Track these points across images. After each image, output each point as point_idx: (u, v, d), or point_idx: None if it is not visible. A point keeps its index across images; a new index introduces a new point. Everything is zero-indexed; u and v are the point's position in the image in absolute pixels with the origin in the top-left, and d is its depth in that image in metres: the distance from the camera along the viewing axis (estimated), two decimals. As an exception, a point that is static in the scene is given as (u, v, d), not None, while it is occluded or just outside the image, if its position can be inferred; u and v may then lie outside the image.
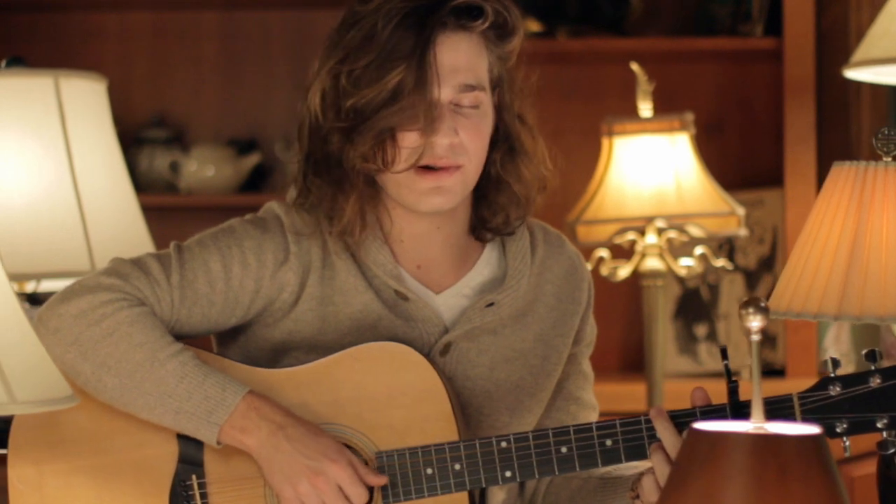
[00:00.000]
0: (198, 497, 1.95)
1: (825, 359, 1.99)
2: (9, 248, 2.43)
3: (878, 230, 2.03)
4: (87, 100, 2.61)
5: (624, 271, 3.07)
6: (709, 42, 3.67)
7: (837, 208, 2.07)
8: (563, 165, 2.07)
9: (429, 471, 1.93)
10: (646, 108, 3.05)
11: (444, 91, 1.92)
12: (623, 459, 1.93)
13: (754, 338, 1.66)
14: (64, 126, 2.56)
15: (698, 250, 3.10)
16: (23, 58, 2.62)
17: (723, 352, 1.96)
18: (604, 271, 3.07)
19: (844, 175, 2.08)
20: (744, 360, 3.74)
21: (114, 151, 2.66)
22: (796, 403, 1.92)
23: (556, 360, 2.08)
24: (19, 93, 2.54)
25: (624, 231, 3.02)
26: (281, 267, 1.99)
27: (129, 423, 1.96)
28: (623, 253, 3.21)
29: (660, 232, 3.02)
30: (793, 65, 3.55)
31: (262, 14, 3.93)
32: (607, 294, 3.48)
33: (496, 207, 2.03)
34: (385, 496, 1.94)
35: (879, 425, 1.93)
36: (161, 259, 1.99)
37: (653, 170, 3.02)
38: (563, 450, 1.93)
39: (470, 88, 1.94)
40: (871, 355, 1.97)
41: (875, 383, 1.94)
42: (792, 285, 2.08)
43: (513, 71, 2.01)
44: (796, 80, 3.54)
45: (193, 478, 1.96)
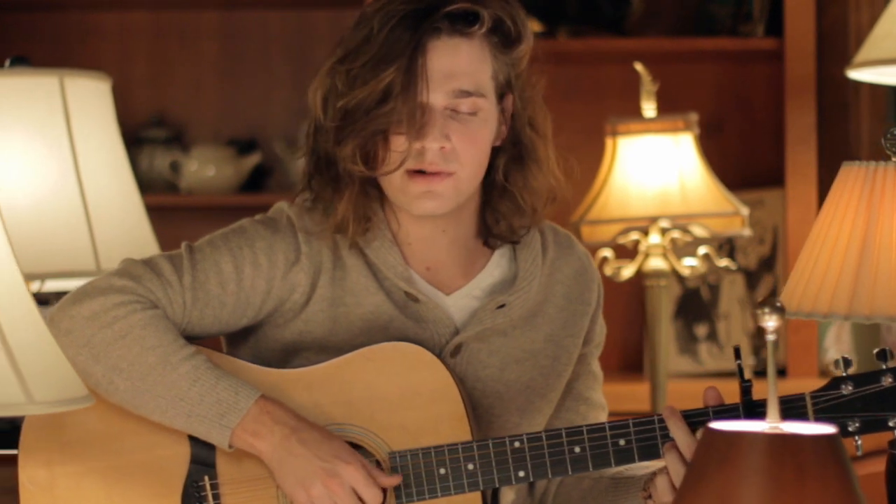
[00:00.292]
0: (210, 498, 1.95)
1: (836, 358, 2.00)
2: (14, 248, 2.42)
3: (887, 230, 2.03)
4: (92, 99, 2.61)
5: (627, 271, 3.08)
6: (709, 42, 3.67)
7: (847, 208, 2.07)
8: (587, 163, 2.07)
9: (442, 471, 1.93)
10: (649, 109, 3.05)
11: (436, 96, 1.92)
12: (636, 459, 1.94)
13: (770, 338, 1.66)
14: (69, 125, 2.55)
15: (702, 250, 3.10)
16: (27, 57, 2.61)
17: (736, 351, 1.96)
18: (607, 271, 3.07)
19: (853, 175, 2.08)
20: (745, 360, 3.75)
21: (118, 151, 2.65)
22: (809, 403, 1.93)
23: (566, 361, 2.08)
24: (24, 92, 2.53)
25: (628, 231, 3.02)
26: (292, 268, 1.99)
27: (140, 424, 1.96)
28: (626, 253, 3.21)
29: (663, 232, 3.02)
30: (794, 65, 3.55)
31: (262, 14, 3.92)
32: (608, 294, 3.47)
33: (499, 215, 2.03)
34: (398, 496, 1.94)
35: (891, 424, 1.93)
36: (173, 260, 1.98)
37: (657, 170, 3.02)
38: (577, 450, 1.93)
39: (466, 94, 1.93)
40: (882, 354, 1.98)
41: (887, 382, 1.94)
42: (801, 285, 2.08)
43: (524, 77, 2.01)
44: (797, 81, 3.54)
45: (206, 479, 1.95)
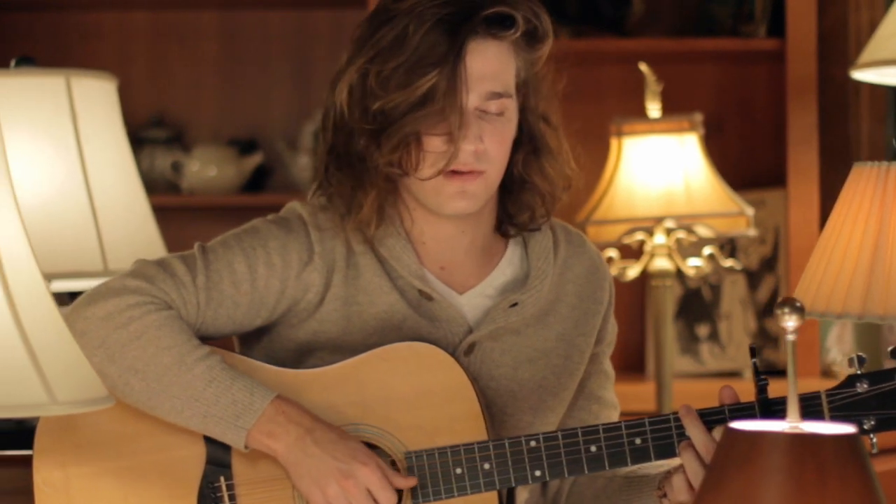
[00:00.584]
0: (226, 499, 1.94)
1: (850, 356, 2.00)
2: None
3: (899, 229, 2.04)
4: (98, 99, 2.60)
5: (633, 271, 3.08)
6: (710, 43, 3.68)
7: (859, 209, 2.08)
8: (586, 163, 2.07)
9: (458, 470, 1.93)
10: (654, 109, 3.06)
11: (472, 98, 1.92)
12: (652, 458, 1.94)
13: (790, 337, 1.66)
14: (75, 125, 2.54)
15: (707, 250, 3.10)
16: (33, 58, 2.60)
17: (752, 350, 1.96)
18: (613, 271, 3.06)
19: (865, 175, 2.09)
20: (747, 360, 3.75)
21: (124, 151, 2.65)
22: (824, 401, 1.93)
23: (578, 360, 2.08)
24: (30, 92, 2.52)
25: (633, 231, 3.02)
26: (306, 267, 1.98)
27: (155, 425, 1.95)
28: (630, 253, 3.21)
29: (668, 232, 3.02)
30: (795, 65, 3.56)
31: (262, 14, 3.92)
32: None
33: (521, 205, 2.03)
34: (414, 496, 1.94)
35: (907, 421, 1.94)
36: (186, 261, 1.98)
37: (662, 170, 3.02)
38: (593, 449, 1.93)
39: (497, 96, 1.94)
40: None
41: (902, 380, 1.94)
42: (814, 286, 2.09)
43: (539, 73, 2.01)
44: (799, 81, 3.55)
45: (221, 479, 1.95)
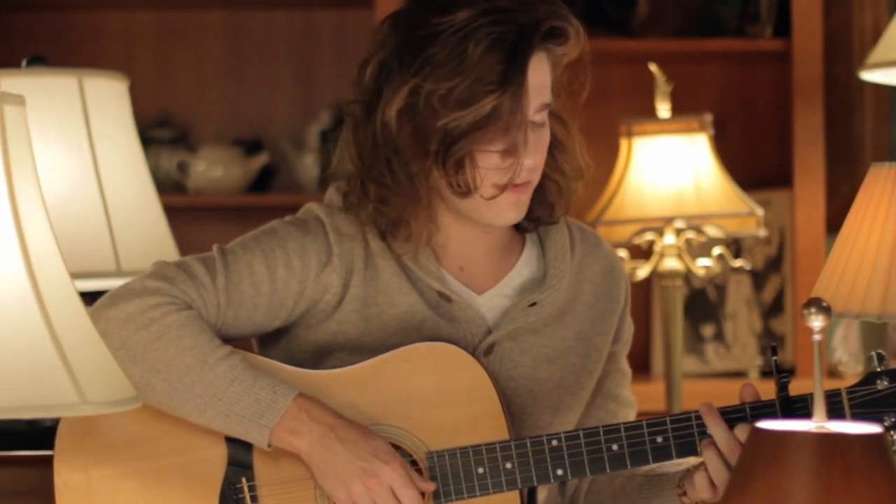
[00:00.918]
0: (248, 499, 1.94)
1: (870, 354, 2.00)
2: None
3: (918, 229, 2.05)
4: (110, 99, 2.59)
5: (643, 271, 3.08)
6: (715, 43, 3.68)
7: (877, 209, 2.09)
8: (591, 153, 2.07)
9: (480, 470, 1.93)
10: (664, 109, 3.06)
11: (529, 112, 1.92)
12: (674, 456, 1.94)
13: (816, 337, 1.66)
14: (88, 126, 2.54)
15: (716, 251, 3.11)
16: (44, 58, 2.60)
17: (773, 349, 1.96)
18: (624, 271, 3.07)
19: (883, 176, 2.10)
20: (752, 360, 3.76)
21: (136, 151, 2.64)
22: (845, 398, 1.93)
23: (596, 359, 2.09)
24: (43, 92, 2.51)
25: (643, 231, 3.02)
26: (324, 268, 1.98)
27: (176, 426, 1.95)
28: (638, 253, 3.22)
29: (678, 232, 3.03)
30: (801, 66, 3.57)
31: (267, 14, 3.91)
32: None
33: (541, 200, 2.03)
34: (437, 496, 1.94)
35: (927, 419, 1.94)
36: (205, 262, 1.98)
37: (672, 170, 3.03)
38: (615, 447, 1.93)
39: (546, 107, 1.94)
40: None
41: (922, 377, 1.95)
42: (833, 286, 2.09)
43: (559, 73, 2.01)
44: (805, 81, 3.56)
45: (243, 480, 1.95)
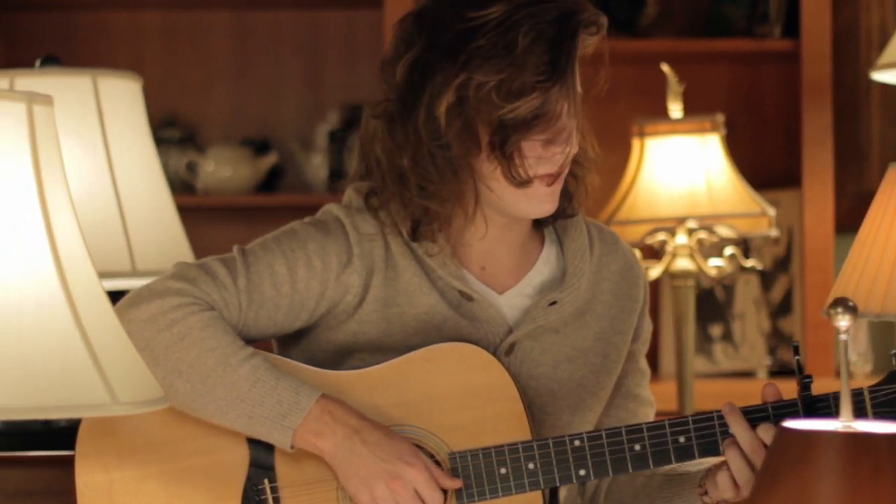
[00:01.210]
0: (271, 501, 1.94)
1: (893, 352, 2.00)
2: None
3: (936, 229, 2.05)
4: (125, 99, 2.59)
5: (654, 272, 3.09)
6: (724, 43, 3.69)
7: (896, 209, 2.09)
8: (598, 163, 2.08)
9: (503, 470, 1.93)
10: (676, 110, 3.06)
11: None
12: (696, 456, 1.94)
13: (843, 337, 1.66)
14: (102, 126, 2.53)
15: (728, 251, 3.11)
16: (58, 57, 2.59)
17: (795, 348, 1.96)
18: (636, 272, 3.07)
19: (902, 175, 2.10)
20: (761, 360, 3.77)
21: (150, 151, 2.63)
22: (867, 398, 1.93)
23: (615, 358, 2.09)
24: (57, 92, 2.49)
25: (655, 231, 3.03)
26: (345, 269, 1.98)
27: (198, 428, 1.94)
28: (650, 253, 3.22)
29: (690, 232, 3.03)
30: (810, 66, 3.57)
31: (274, 14, 3.91)
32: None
33: (563, 192, 2.03)
34: (459, 497, 1.94)
35: (948, 417, 1.94)
36: (226, 263, 1.97)
37: (684, 171, 3.03)
38: (637, 447, 1.93)
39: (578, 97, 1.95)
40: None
41: (944, 375, 1.95)
42: (852, 286, 2.09)
43: None
44: (813, 82, 3.56)
45: (266, 482, 1.94)
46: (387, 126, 1.96)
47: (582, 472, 1.93)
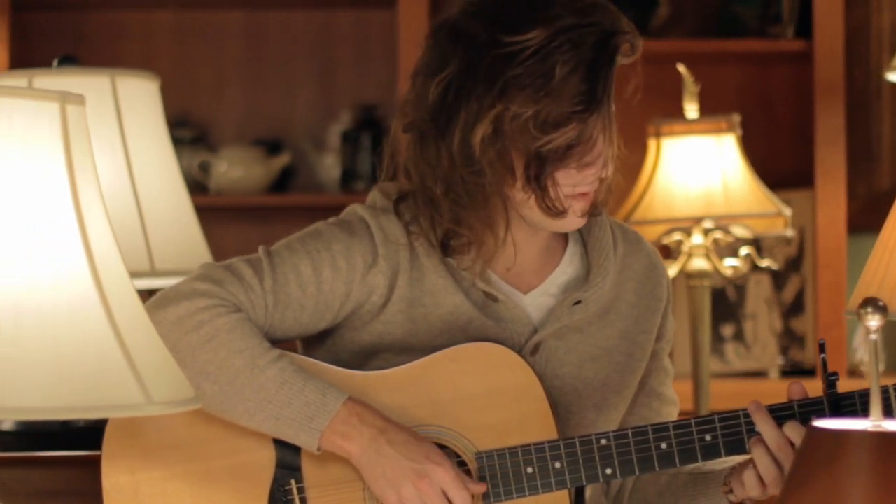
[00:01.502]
0: (297, 501, 1.94)
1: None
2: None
3: (959, 228, 2.05)
4: (143, 99, 2.59)
5: (671, 272, 3.09)
6: (736, 44, 3.69)
7: (919, 208, 2.09)
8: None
9: (529, 470, 1.93)
10: (692, 110, 3.07)
11: None
12: (723, 454, 1.94)
13: (873, 337, 1.66)
14: (121, 125, 2.53)
15: (743, 251, 3.12)
16: (76, 57, 2.59)
17: (821, 346, 1.96)
18: (652, 272, 3.08)
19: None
20: (773, 359, 3.77)
21: (168, 151, 2.63)
22: (893, 396, 1.93)
23: (640, 357, 2.09)
24: (76, 92, 2.50)
25: (671, 231, 3.03)
26: (370, 270, 1.98)
27: (223, 429, 1.94)
28: (665, 253, 3.22)
29: (706, 232, 3.03)
30: (823, 66, 3.58)
31: (286, 14, 3.91)
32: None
33: None
34: (486, 496, 1.94)
35: (971, 414, 1.94)
36: (252, 264, 1.97)
37: (700, 171, 3.04)
38: (664, 446, 1.94)
39: None
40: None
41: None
42: (875, 285, 2.09)
43: None
44: (826, 82, 3.57)
45: (292, 482, 1.94)
46: (419, 143, 1.95)
47: (608, 471, 1.94)
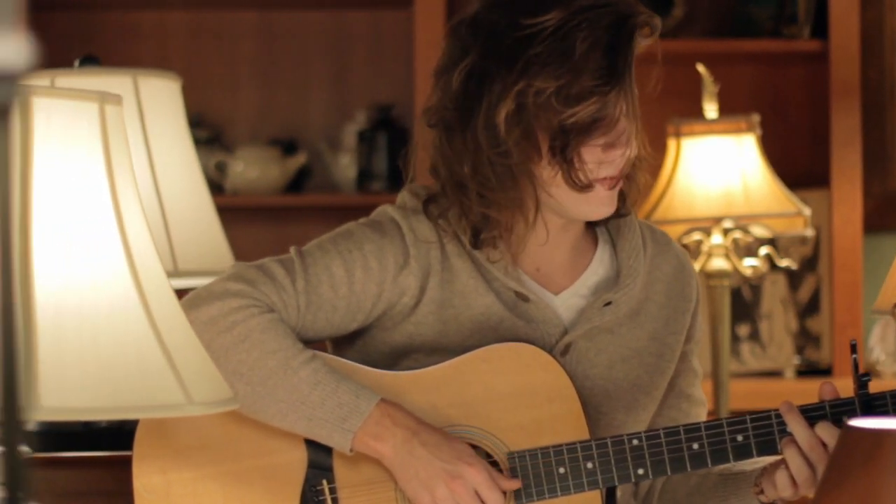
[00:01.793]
0: (329, 502, 1.94)
1: None
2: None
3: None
4: (165, 99, 2.58)
5: (691, 271, 3.09)
6: (752, 44, 3.69)
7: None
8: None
9: (561, 470, 1.93)
10: (711, 110, 3.07)
11: None
12: (754, 454, 1.94)
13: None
14: (143, 125, 2.53)
15: (763, 251, 3.12)
16: (97, 57, 2.59)
17: (853, 346, 1.96)
18: (672, 272, 3.08)
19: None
20: (788, 359, 3.77)
21: (189, 150, 2.63)
22: None
23: (669, 358, 2.09)
24: (98, 92, 2.50)
25: (691, 231, 3.03)
26: (402, 271, 1.98)
27: (255, 429, 1.94)
28: (684, 253, 3.23)
29: (726, 232, 3.04)
30: (839, 67, 3.58)
31: (301, 14, 3.90)
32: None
33: None
34: (518, 496, 1.94)
35: None
36: (284, 264, 1.97)
37: (720, 171, 3.04)
38: (695, 446, 1.94)
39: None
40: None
41: None
42: (903, 286, 2.09)
43: None
44: (842, 82, 3.57)
45: (324, 483, 1.94)
46: (444, 135, 1.95)
47: (640, 471, 1.94)
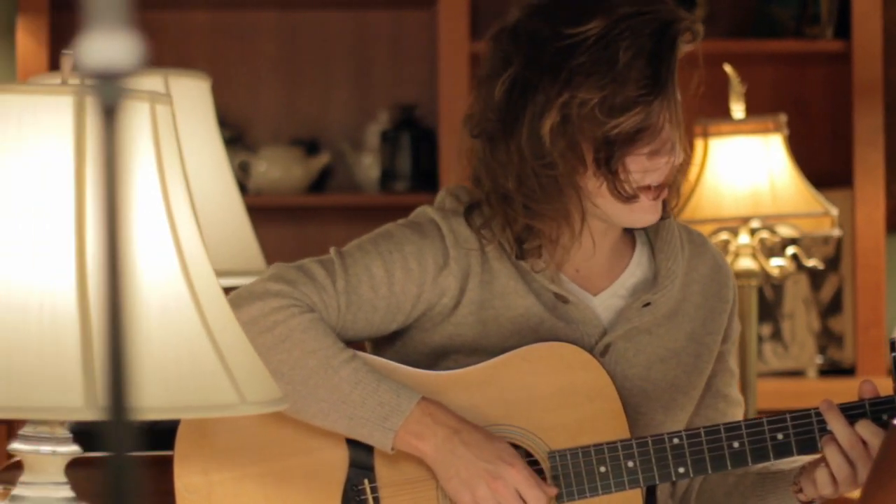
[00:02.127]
0: (371, 501, 1.94)
1: None
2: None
3: None
4: (195, 99, 2.59)
5: (717, 271, 3.09)
6: (774, 44, 3.69)
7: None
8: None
9: (602, 469, 1.94)
10: (738, 110, 3.07)
11: None
12: (794, 453, 1.95)
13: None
14: (174, 125, 2.53)
15: (790, 250, 3.13)
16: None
17: (892, 345, 1.96)
18: (699, 271, 3.08)
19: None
20: (811, 359, 3.77)
21: (220, 150, 2.63)
22: None
23: (707, 359, 2.09)
24: (129, 92, 2.50)
25: (718, 231, 3.04)
26: (441, 272, 1.98)
27: (296, 429, 1.94)
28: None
29: (753, 232, 3.04)
30: (861, 67, 3.58)
31: (321, 14, 3.90)
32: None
33: None
34: (559, 495, 1.94)
35: None
36: (324, 265, 1.97)
37: (747, 171, 3.04)
38: (736, 445, 1.94)
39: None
40: None
41: None
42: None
43: None
44: (865, 83, 3.57)
45: (365, 482, 1.94)
46: (488, 145, 1.95)
47: (681, 470, 1.94)
